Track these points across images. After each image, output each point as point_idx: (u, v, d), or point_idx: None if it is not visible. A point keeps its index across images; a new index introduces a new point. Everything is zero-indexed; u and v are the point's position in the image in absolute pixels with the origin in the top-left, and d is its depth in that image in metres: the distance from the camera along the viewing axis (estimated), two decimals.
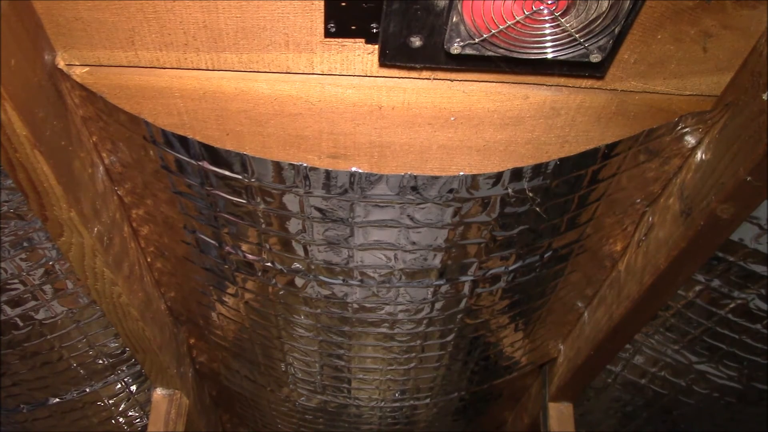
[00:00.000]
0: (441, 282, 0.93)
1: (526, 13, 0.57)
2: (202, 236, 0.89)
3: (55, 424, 1.44)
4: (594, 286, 1.07)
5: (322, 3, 0.59)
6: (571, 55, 0.61)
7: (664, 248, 0.82)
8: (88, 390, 1.35)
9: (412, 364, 1.22)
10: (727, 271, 0.98)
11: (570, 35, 0.59)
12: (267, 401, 1.54)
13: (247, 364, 1.33)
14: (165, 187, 0.81)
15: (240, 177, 0.74)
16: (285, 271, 0.92)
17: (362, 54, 0.64)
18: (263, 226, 0.83)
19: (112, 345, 1.23)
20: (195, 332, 1.27)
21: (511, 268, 0.92)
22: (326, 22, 0.60)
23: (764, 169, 0.62)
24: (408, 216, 0.79)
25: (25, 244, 0.95)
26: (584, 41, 0.60)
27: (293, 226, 0.82)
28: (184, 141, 0.71)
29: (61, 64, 0.65)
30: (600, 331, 1.05)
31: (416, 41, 0.60)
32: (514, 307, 1.05)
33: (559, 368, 1.29)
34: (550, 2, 0.57)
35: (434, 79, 0.66)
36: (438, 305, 1.00)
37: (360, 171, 0.72)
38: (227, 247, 0.90)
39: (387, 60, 0.63)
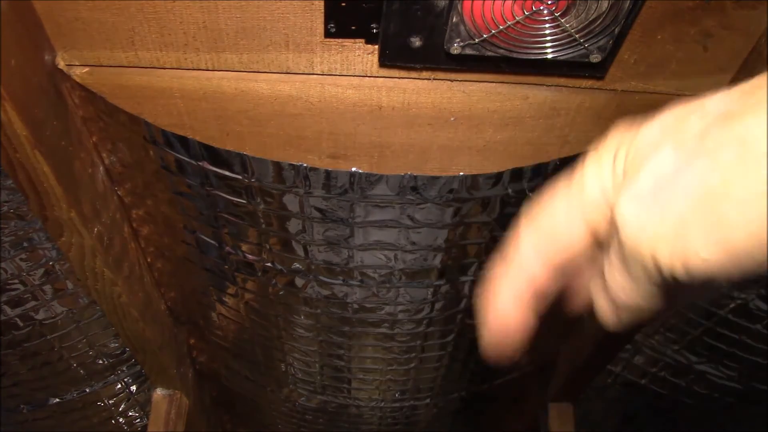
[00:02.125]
0: (441, 282, 0.93)
1: (526, 13, 0.57)
2: (203, 236, 0.89)
3: (55, 424, 1.44)
4: None
5: (322, 3, 0.58)
6: (571, 55, 0.61)
7: None
8: (88, 390, 1.35)
9: (412, 365, 1.22)
10: None
11: (570, 35, 0.59)
12: (267, 401, 1.54)
13: (247, 365, 1.33)
14: (165, 188, 0.81)
15: (240, 177, 0.74)
16: (285, 271, 0.92)
17: (362, 54, 0.63)
18: (263, 226, 0.83)
19: (112, 345, 1.23)
20: (195, 332, 1.26)
21: None
22: (326, 22, 0.60)
23: None
24: (408, 216, 0.79)
25: (25, 244, 0.95)
26: (584, 41, 0.60)
27: (293, 226, 0.82)
28: (184, 141, 0.71)
29: (62, 65, 0.65)
30: (600, 331, 1.05)
31: (416, 41, 0.60)
32: None
33: (559, 368, 1.29)
34: (550, 2, 0.56)
35: (434, 79, 0.66)
36: (438, 305, 1.00)
37: (360, 171, 0.72)
38: (227, 248, 0.90)
39: (387, 60, 0.63)
